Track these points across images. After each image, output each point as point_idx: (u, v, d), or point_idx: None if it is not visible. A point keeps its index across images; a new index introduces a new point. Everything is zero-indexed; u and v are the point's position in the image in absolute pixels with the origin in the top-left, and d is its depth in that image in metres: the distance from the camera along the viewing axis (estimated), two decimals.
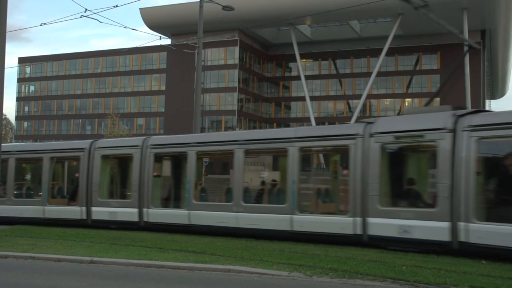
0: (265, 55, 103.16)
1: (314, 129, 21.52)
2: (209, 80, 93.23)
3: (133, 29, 28.20)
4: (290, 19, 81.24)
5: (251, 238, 16.17)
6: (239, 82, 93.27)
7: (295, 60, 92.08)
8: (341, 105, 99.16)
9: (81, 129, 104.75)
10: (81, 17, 24.53)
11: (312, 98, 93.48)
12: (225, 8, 27.88)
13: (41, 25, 23.47)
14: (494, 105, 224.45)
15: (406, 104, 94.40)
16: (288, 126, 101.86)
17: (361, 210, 14.44)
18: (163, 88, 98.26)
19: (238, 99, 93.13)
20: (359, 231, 14.44)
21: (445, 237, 12.92)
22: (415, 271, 10.43)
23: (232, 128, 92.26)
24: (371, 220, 14.20)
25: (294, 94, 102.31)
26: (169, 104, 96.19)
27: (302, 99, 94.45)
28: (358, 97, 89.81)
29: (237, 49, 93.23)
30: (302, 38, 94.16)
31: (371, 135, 14.54)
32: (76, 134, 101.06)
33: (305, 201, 16.54)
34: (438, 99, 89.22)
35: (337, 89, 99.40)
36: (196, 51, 26.10)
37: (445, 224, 12.91)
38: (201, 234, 17.33)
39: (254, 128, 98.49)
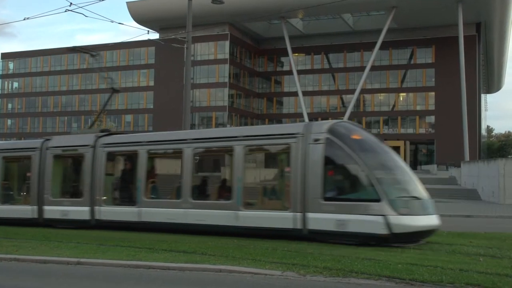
0: (256, 50, 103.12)
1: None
2: (199, 75, 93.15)
3: (120, 23, 28.08)
4: (282, 12, 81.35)
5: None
6: (229, 77, 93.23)
7: (287, 55, 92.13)
8: (334, 100, 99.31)
9: (67, 127, 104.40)
10: (66, 11, 24.42)
11: (305, 93, 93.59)
12: (215, 1, 27.79)
13: (24, 19, 23.33)
14: (490, 99, 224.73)
15: (401, 99, 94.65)
16: (280, 122, 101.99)
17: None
18: (151, 84, 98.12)
19: (228, 95, 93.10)
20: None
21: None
22: (411, 269, 10.44)
23: (223, 125, 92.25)
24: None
25: (286, 89, 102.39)
26: (157, 100, 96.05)
27: (295, 94, 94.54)
28: (352, 92, 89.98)
29: (227, 43, 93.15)
30: (294, 32, 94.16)
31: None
32: (62, 131, 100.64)
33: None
34: (433, 93, 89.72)
35: (330, 84, 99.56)
36: (185, 46, 26.02)
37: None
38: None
39: (246, 124, 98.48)
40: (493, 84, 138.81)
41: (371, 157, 15.23)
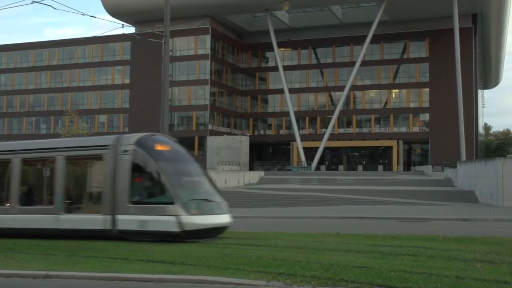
0: (239, 44, 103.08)
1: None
2: (178, 72, 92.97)
3: (92, 16, 27.92)
4: (266, 4, 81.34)
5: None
6: (211, 74, 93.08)
7: (272, 50, 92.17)
8: (322, 98, 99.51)
9: (35, 128, 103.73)
10: (32, 2, 24.20)
11: (291, 91, 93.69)
12: None
13: None
14: (488, 95, 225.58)
15: (393, 96, 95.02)
16: (265, 121, 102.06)
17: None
18: (127, 81, 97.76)
19: (210, 93, 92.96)
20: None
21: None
22: (404, 277, 10.44)
23: (204, 125, 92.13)
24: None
25: (271, 87, 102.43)
26: (134, 99, 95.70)
27: (281, 91, 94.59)
28: (341, 88, 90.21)
29: (208, 37, 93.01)
30: (280, 25, 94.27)
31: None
32: (30, 133, 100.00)
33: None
34: (427, 89, 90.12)
35: (318, 80, 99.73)
36: (163, 41, 25.95)
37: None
38: None
39: (228, 124, 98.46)
40: (490, 79, 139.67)
41: (171, 166, 18.69)
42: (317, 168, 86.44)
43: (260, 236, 19.27)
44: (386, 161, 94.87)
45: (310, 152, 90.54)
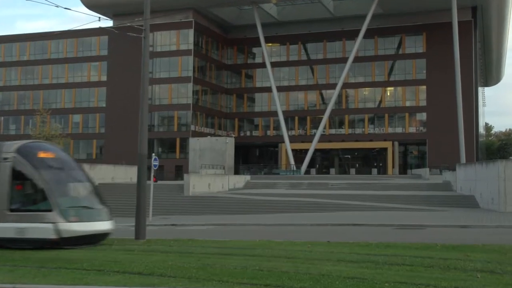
0: (224, 39, 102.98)
1: None
2: (158, 68, 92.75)
3: (66, 8, 27.74)
4: None
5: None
6: (194, 70, 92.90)
7: (259, 45, 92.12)
8: (313, 96, 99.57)
9: (4, 129, 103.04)
10: None
11: (280, 89, 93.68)
12: None
13: None
14: (489, 93, 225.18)
15: (388, 94, 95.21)
16: (252, 121, 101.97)
17: None
18: (104, 78, 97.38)
19: (193, 91, 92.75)
20: None
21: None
22: None
23: (186, 125, 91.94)
24: None
25: (258, 84, 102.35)
26: (111, 97, 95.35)
27: (268, 89, 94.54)
28: (333, 86, 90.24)
29: (191, 32, 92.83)
30: (267, 19, 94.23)
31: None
32: None
33: None
34: (424, 87, 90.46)
35: (308, 77, 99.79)
36: (142, 35, 25.82)
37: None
38: None
39: (212, 124, 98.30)
40: (491, 76, 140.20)
41: (52, 174, 19.95)
42: (307, 172, 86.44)
43: (245, 245, 19.24)
44: (380, 164, 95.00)
45: (299, 155, 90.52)
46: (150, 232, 24.73)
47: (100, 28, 67.08)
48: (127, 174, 59.03)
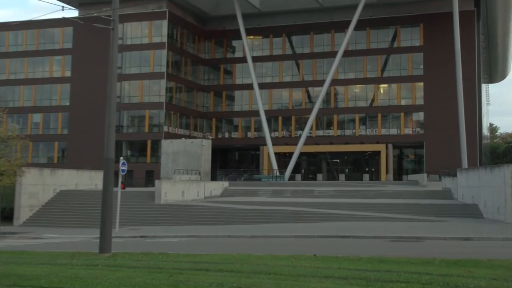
0: (201, 31, 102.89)
1: None
2: (128, 63, 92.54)
3: None
4: None
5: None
6: (167, 66, 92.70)
7: (239, 38, 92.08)
8: (298, 94, 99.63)
9: None
10: None
11: (262, 86, 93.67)
12: None
13: None
14: (494, 90, 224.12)
15: (382, 92, 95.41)
16: (231, 122, 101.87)
17: None
18: (67, 74, 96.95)
19: (166, 88, 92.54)
20: None
21: None
22: None
23: (159, 126, 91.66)
24: None
25: (238, 81, 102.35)
26: (75, 95, 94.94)
27: (249, 87, 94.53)
28: (320, 83, 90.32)
29: (165, 23, 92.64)
30: (249, 9, 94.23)
31: None
32: None
33: None
34: (421, 84, 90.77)
35: (294, 73, 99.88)
36: (111, 26, 25.64)
37: None
38: None
39: (187, 125, 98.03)
40: (496, 71, 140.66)
41: None
42: (291, 178, 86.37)
43: (222, 259, 19.17)
44: (373, 169, 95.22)
45: (283, 159, 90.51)
46: (117, 244, 24.55)
47: (64, 19, 66.87)
48: (92, 180, 58.83)
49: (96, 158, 78.98)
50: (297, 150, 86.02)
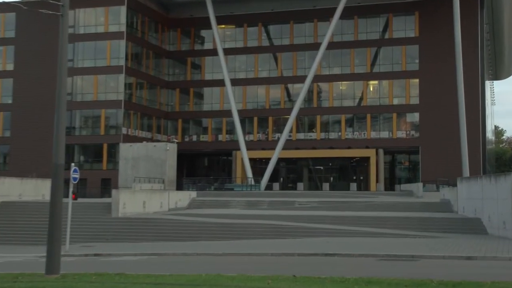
0: (165, 19, 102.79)
1: None
2: (81, 55, 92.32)
3: None
4: None
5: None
6: (126, 58, 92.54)
7: (209, 27, 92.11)
8: (276, 92, 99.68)
9: None
10: None
11: (235, 82, 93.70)
12: None
13: None
14: (499, 89, 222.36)
15: (371, 89, 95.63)
16: (199, 123, 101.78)
17: None
18: (10, 68, 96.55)
19: (125, 84, 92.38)
20: None
21: None
22: None
23: (116, 127, 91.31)
24: None
25: (208, 77, 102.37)
26: (19, 92, 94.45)
27: (220, 83, 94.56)
28: (302, 79, 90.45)
29: (123, 9, 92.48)
30: None
31: None
32: None
33: None
34: (417, 80, 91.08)
35: (271, 68, 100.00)
36: (60, 13, 25.47)
37: None
38: None
39: (149, 127, 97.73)
40: (502, 67, 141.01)
41: None
42: (268, 187, 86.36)
43: (188, 281, 19.18)
44: (361, 178, 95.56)
45: (259, 165, 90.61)
46: (67, 264, 24.41)
47: (6, 3, 66.57)
48: (38, 190, 58.34)
49: (43, 164, 78.67)
50: (274, 155, 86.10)
